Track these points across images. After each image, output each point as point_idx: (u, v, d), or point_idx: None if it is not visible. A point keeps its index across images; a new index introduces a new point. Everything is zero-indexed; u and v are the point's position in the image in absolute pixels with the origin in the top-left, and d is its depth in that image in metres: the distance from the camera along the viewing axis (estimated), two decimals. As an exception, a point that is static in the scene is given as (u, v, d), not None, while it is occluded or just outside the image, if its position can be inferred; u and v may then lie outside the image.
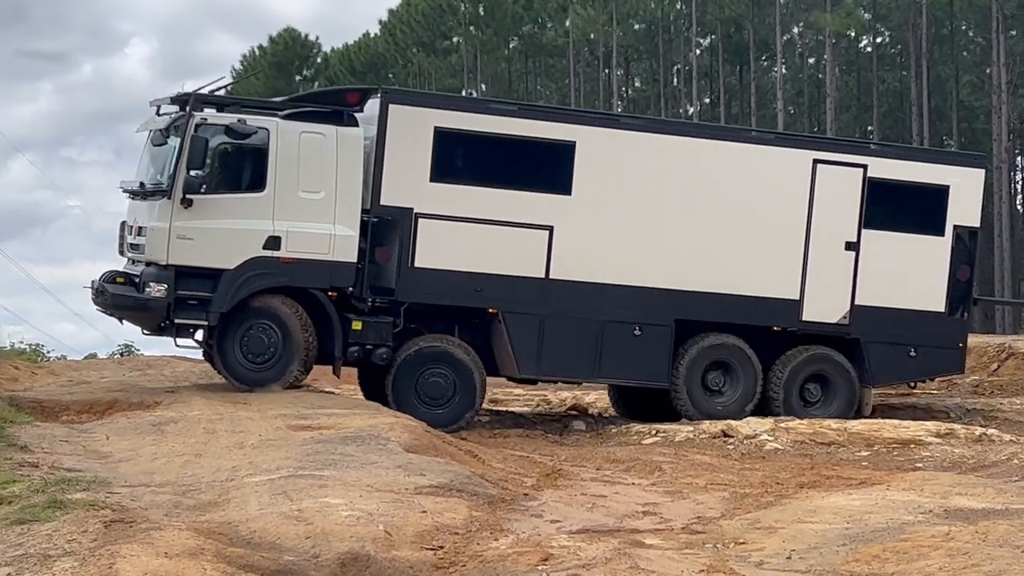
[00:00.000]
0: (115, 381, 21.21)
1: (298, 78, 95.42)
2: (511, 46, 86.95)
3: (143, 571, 7.58)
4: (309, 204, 18.89)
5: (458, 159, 19.77)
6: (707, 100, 79.38)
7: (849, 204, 20.75)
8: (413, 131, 19.28)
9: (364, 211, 19.16)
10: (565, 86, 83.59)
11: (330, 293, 18.99)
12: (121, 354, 33.73)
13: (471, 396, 19.45)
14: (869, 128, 71.81)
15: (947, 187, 21.11)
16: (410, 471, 12.34)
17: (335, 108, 19.42)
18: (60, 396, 19.00)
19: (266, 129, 18.89)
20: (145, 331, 19.65)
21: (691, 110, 76.57)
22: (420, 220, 19.26)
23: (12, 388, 19.67)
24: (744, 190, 20.50)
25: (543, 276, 19.68)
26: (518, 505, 12.25)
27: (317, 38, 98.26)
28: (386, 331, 19.27)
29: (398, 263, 19.22)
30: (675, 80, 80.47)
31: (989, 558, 9.26)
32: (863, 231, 20.78)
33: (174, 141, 18.75)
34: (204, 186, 18.61)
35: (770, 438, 18.35)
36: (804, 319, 20.62)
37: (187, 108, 18.76)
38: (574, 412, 22.53)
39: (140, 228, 19.16)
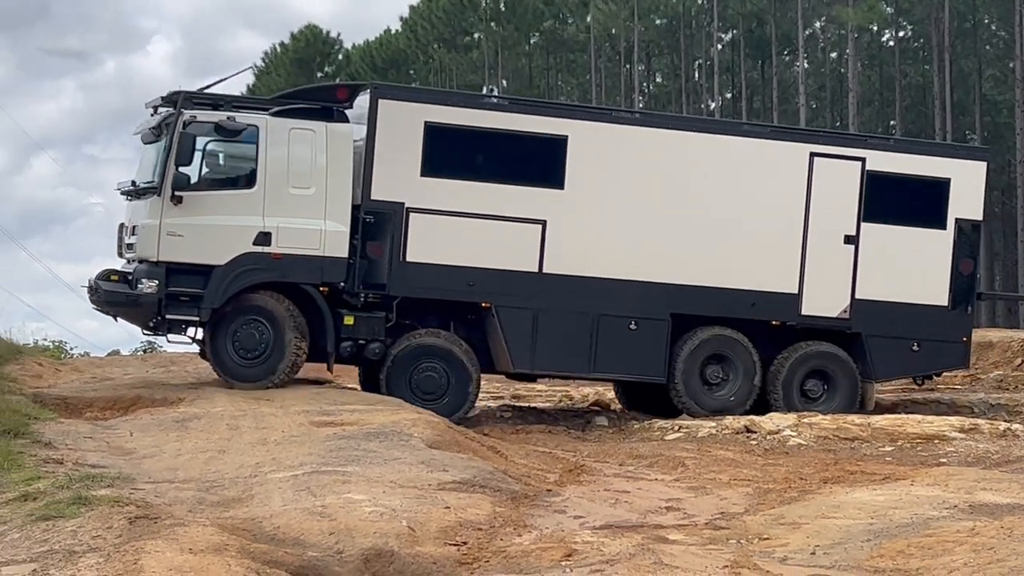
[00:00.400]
0: (138, 378, 21.32)
1: (319, 75, 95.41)
2: (532, 42, 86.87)
3: (168, 567, 7.59)
4: (299, 200, 19.03)
5: (449, 154, 19.72)
6: (729, 95, 79.24)
7: (848, 197, 20.67)
8: (403, 126, 19.46)
9: (355, 206, 19.26)
10: (586, 82, 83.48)
11: (321, 288, 19.13)
12: (144, 351, 33.88)
13: (464, 391, 19.53)
14: (891, 123, 71.55)
15: (948, 180, 21.00)
16: (433, 467, 12.34)
17: (325, 104, 19.54)
18: (84, 393, 19.09)
19: (255, 126, 19.07)
20: (142, 329, 19.74)
21: (712, 105, 76.45)
22: (411, 215, 19.39)
23: (36, 385, 19.75)
24: (740, 184, 20.45)
25: (536, 270, 19.77)
26: (541, 501, 12.24)
27: (339, 35, 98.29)
28: (378, 326, 19.43)
29: (389, 258, 19.35)
30: (696, 75, 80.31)
31: (1014, 553, 9.22)
32: (862, 224, 20.71)
33: (165, 140, 18.89)
34: (193, 183, 18.84)
35: (793, 433, 18.32)
36: (803, 313, 20.58)
37: (176, 107, 18.90)
38: (596, 408, 22.54)
39: (134, 228, 19.34)
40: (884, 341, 20.79)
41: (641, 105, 77.41)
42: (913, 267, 20.88)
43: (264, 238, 18.90)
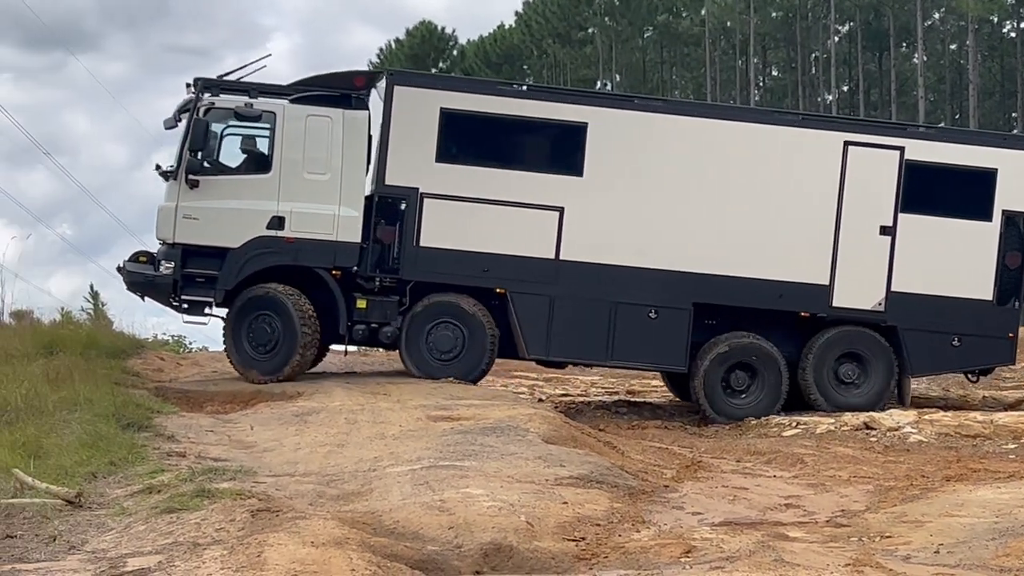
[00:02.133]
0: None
1: (434, 70, 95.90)
2: (646, 36, 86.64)
3: (291, 560, 7.66)
4: (314, 185, 19.49)
5: (464, 140, 19.89)
6: (845, 88, 78.36)
7: (884, 187, 20.15)
8: (419, 113, 19.72)
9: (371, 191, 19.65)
10: (701, 75, 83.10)
11: (334, 272, 19.49)
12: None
13: (479, 351, 19.74)
14: (1013, 115, 70.38)
15: (995, 170, 20.24)
16: (550, 462, 12.33)
17: (343, 92, 19.84)
18: (204, 387, 19.36)
19: (273, 112, 19.60)
20: (176, 310, 20.22)
21: (829, 98, 75.65)
22: (426, 200, 19.62)
23: (158, 379, 20.07)
24: (767, 173, 20.14)
25: (553, 257, 19.78)
26: (658, 497, 12.19)
27: (453, 31, 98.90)
28: (391, 310, 19.77)
29: (403, 242, 19.61)
30: (813, 68, 79.54)
31: None
32: (900, 215, 20.14)
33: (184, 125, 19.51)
34: (208, 167, 19.44)
35: (914, 430, 18.05)
36: (835, 305, 20.14)
37: (197, 93, 19.55)
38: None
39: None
40: (922, 335, 20.21)
41: (757, 98, 76.86)
42: (954, 260, 20.22)
43: (278, 222, 19.40)
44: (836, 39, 74.64)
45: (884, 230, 20.15)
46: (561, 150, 20.11)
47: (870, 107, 75.43)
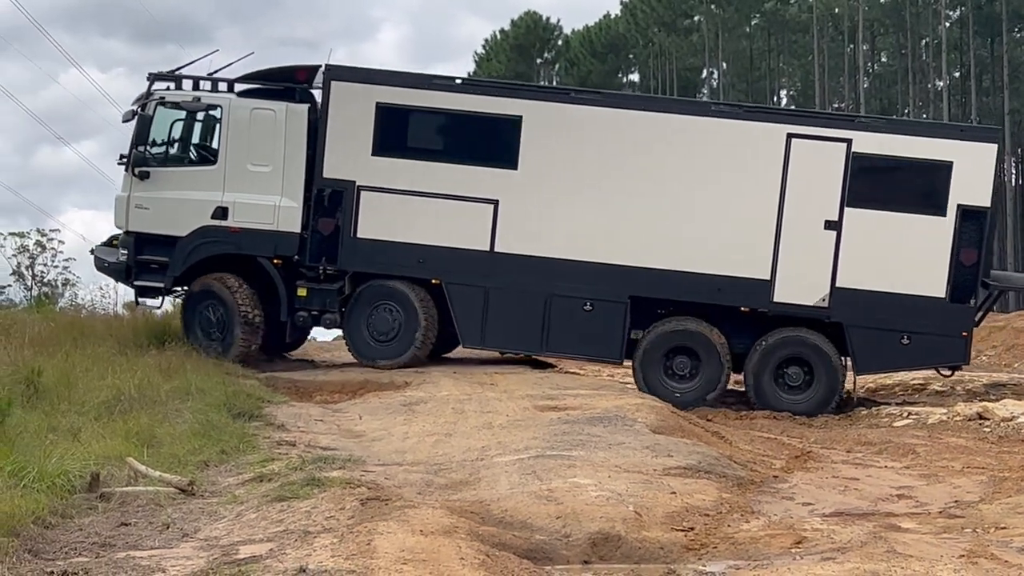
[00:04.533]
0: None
1: (539, 61, 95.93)
2: (753, 23, 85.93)
3: (400, 548, 7.70)
4: (257, 177, 20.23)
5: (400, 134, 20.26)
6: (957, 74, 77.17)
7: (830, 181, 19.54)
8: (356, 107, 20.13)
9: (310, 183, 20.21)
10: (808, 63, 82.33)
11: (275, 261, 20.13)
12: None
13: (412, 333, 20.09)
14: None
15: (950, 163, 19.36)
16: (658, 452, 12.29)
17: (287, 86, 20.46)
18: (314, 376, 19.56)
19: (219, 106, 20.35)
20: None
21: (940, 84, 74.54)
22: (362, 192, 20.11)
23: (269, 368, 20.26)
24: (706, 165, 19.80)
25: (488, 249, 19.95)
26: (768, 487, 12.10)
27: (558, 21, 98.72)
28: (331, 298, 20.32)
29: (341, 233, 20.05)
30: (923, 54, 78.40)
31: None
32: (846, 209, 19.49)
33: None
34: (155, 159, 20.46)
35: (1028, 420, 17.75)
36: (776, 300, 19.64)
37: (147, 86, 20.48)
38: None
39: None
40: (868, 332, 19.56)
41: (866, 86, 75.98)
42: (905, 256, 19.47)
43: (222, 212, 20.21)
44: (947, 24, 73.44)
45: (829, 225, 19.56)
46: (496, 143, 20.20)
47: (982, 93, 74.21)
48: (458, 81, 20.92)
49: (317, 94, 20.54)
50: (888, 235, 19.47)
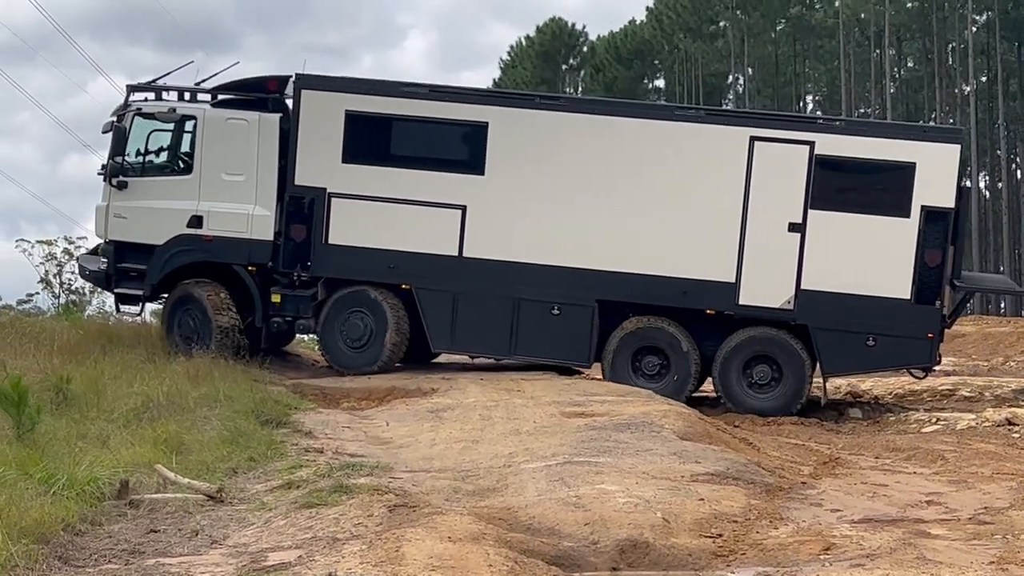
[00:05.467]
0: (392, 369, 21.69)
1: (564, 67, 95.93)
2: (779, 29, 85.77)
3: (428, 555, 7.70)
4: (231, 186, 20.56)
5: (369, 141, 20.50)
6: (984, 79, 76.88)
7: (793, 183, 19.49)
8: (325, 115, 20.39)
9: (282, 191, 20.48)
10: (834, 68, 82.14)
11: (250, 268, 20.57)
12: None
13: (383, 338, 20.29)
14: None
15: (912, 164, 19.25)
16: (685, 458, 12.27)
17: (260, 96, 20.76)
18: (341, 383, 19.58)
19: (194, 116, 20.69)
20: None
21: (967, 89, 74.26)
22: (333, 199, 20.32)
23: (296, 376, 20.31)
24: (670, 169, 19.87)
25: (456, 254, 20.11)
26: (796, 494, 12.06)
27: (583, 27, 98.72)
28: (304, 304, 20.57)
29: (313, 240, 20.26)
30: (950, 59, 78.10)
31: None
32: (810, 212, 19.45)
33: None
34: (131, 169, 20.80)
35: (1058, 427, 17.66)
36: (741, 303, 19.64)
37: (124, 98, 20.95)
38: (850, 399, 22.10)
39: None
40: (834, 334, 19.47)
41: (892, 91, 75.78)
42: (869, 257, 19.40)
43: (197, 221, 20.55)
44: (973, 29, 73.17)
45: (793, 227, 19.53)
46: (463, 150, 20.49)
47: (1009, 98, 73.92)
48: (426, 88, 21.01)
49: (291, 103, 20.85)
50: (852, 237, 19.47)
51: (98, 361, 17.14)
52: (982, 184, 78.96)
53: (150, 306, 22.57)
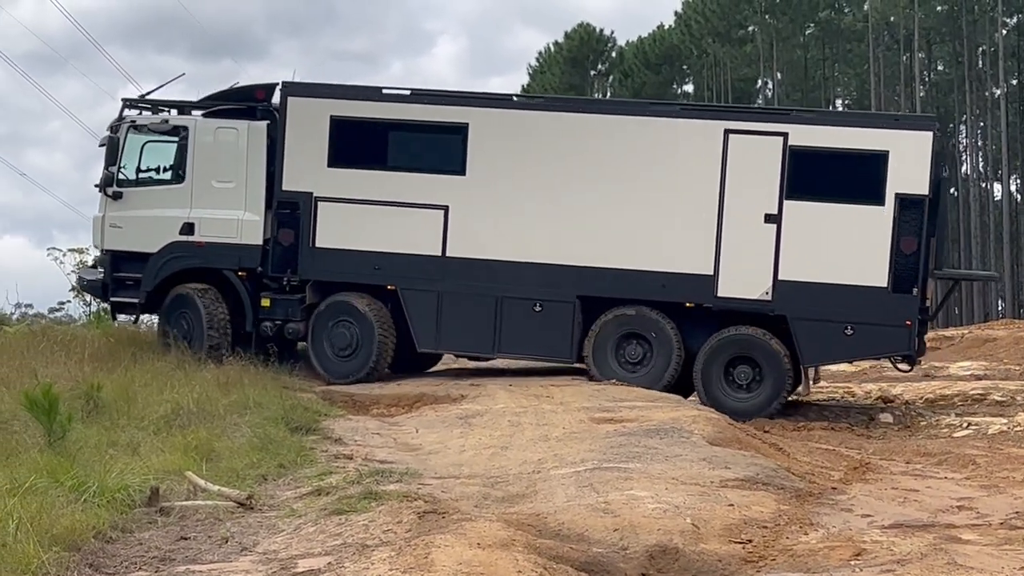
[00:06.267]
0: (420, 375, 21.76)
1: (592, 72, 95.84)
2: (807, 33, 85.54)
3: (457, 561, 7.70)
4: (222, 193, 21.12)
5: (353, 145, 20.90)
6: (1014, 82, 76.49)
7: (768, 175, 19.63)
8: (311, 120, 20.81)
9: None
10: (864, 72, 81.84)
11: (240, 273, 21.07)
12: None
13: (369, 347, 20.49)
14: None
15: (886, 152, 19.32)
16: (715, 464, 12.24)
17: (249, 104, 21.27)
18: (370, 390, 19.63)
19: (186, 127, 21.22)
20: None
21: (997, 92, 73.94)
22: (319, 203, 20.76)
23: (326, 383, 20.33)
24: (647, 164, 20.09)
25: (440, 254, 20.41)
26: (826, 499, 12.01)
27: (611, 33, 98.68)
28: (293, 307, 20.89)
29: (300, 244, 20.77)
30: (980, 62, 77.75)
31: None
32: (785, 202, 19.58)
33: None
34: (124, 180, 21.35)
35: (1091, 431, 17.57)
36: (720, 295, 19.80)
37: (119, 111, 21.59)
38: (880, 404, 22.03)
39: None
40: (812, 324, 19.53)
41: (922, 95, 75.46)
42: (845, 246, 19.45)
43: (189, 228, 21.13)
44: (1004, 32, 72.85)
45: (769, 218, 19.65)
46: (445, 151, 20.74)
47: (1040, 100, 73.59)
48: (407, 91, 21.30)
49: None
50: (828, 226, 19.57)
51: (128, 369, 17.22)
52: (1014, 188, 78.62)
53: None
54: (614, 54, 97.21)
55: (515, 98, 22.30)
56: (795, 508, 10.99)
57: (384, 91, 21.13)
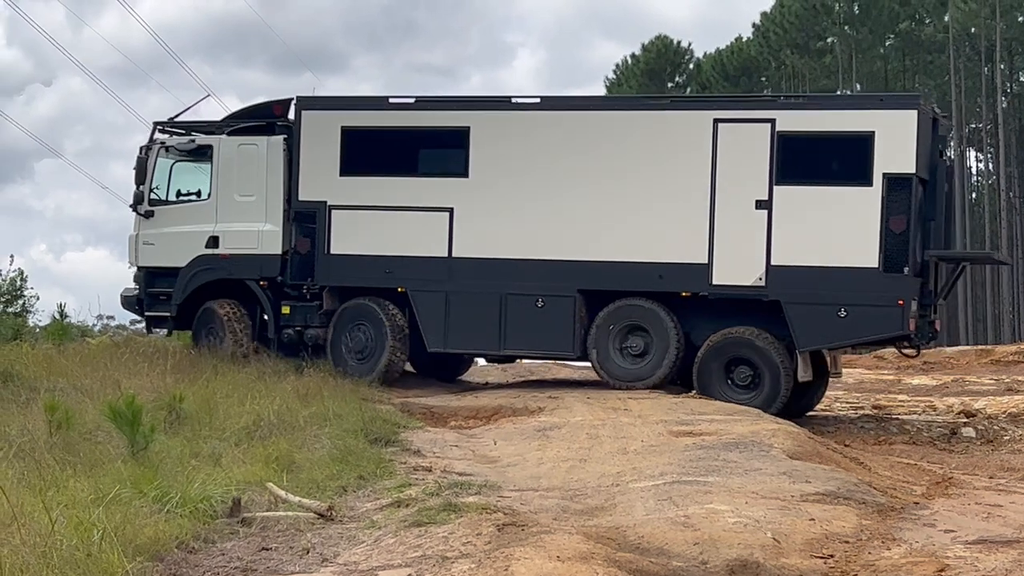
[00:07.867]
0: (499, 387, 21.81)
1: (670, 85, 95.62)
2: (887, 44, 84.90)
3: (537, 574, 7.70)
4: (244, 206, 21.98)
5: (363, 154, 21.51)
6: (1098, 91, 75.50)
7: (757, 161, 19.63)
8: (324, 132, 21.50)
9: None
10: (945, 83, 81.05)
11: (262, 283, 21.84)
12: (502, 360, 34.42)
13: (382, 350, 21.10)
14: None
15: (871, 133, 19.16)
16: (795, 478, 12.17)
17: (268, 121, 22.05)
18: (448, 402, 19.70)
19: (211, 146, 22.09)
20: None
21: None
22: (333, 211, 21.47)
23: (404, 395, 20.44)
24: (641, 157, 20.26)
25: (446, 255, 20.83)
26: (908, 514, 11.90)
27: (689, 44, 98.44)
28: (311, 314, 21.69)
29: (316, 251, 21.46)
30: (1063, 72, 76.84)
31: None
32: (775, 188, 19.51)
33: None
34: (153, 198, 22.47)
35: None
36: (715, 283, 19.80)
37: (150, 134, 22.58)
38: (963, 418, 21.78)
39: None
40: (806, 308, 19.37)
41: (1004, 105, 74.67)
42: (836, 228, 19.35)
43: (214, 241, 22.07)
44: (1087, 42, 72.02)
45: (760, 204, 19.62)
46: (449, 154, 21.29)
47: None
48: (411, 99, 21.87)
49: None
50: (818, 209, 19.56)
51: (210, 380, 17.38)
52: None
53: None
54: (692, 66, 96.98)
55: (513, 99, 22.39)
56: (877, 523, 10.90)
57: (391, 100, 21.84)
